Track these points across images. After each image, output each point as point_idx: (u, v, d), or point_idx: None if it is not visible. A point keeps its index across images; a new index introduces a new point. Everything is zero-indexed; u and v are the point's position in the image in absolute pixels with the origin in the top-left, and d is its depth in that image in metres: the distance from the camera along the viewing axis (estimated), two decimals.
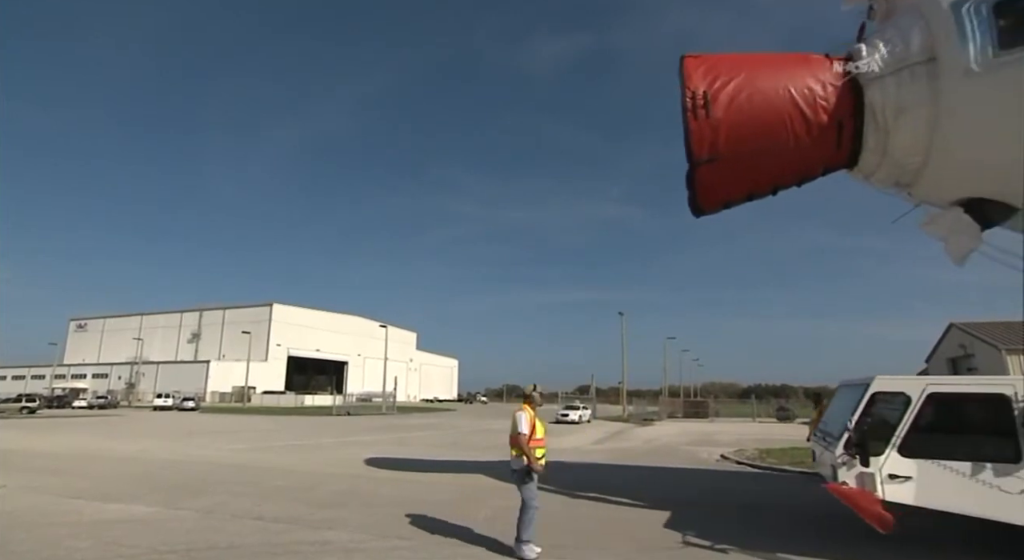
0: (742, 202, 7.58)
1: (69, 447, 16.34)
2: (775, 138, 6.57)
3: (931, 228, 6.66)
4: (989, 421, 5.39)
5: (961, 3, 5.60)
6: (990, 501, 4.99)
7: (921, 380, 5.64)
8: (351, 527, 6.79)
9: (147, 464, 12.63)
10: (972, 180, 6.33)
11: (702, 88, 6.71)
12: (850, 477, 5.44)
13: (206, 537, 6.27)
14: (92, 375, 79.38)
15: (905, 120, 6.20)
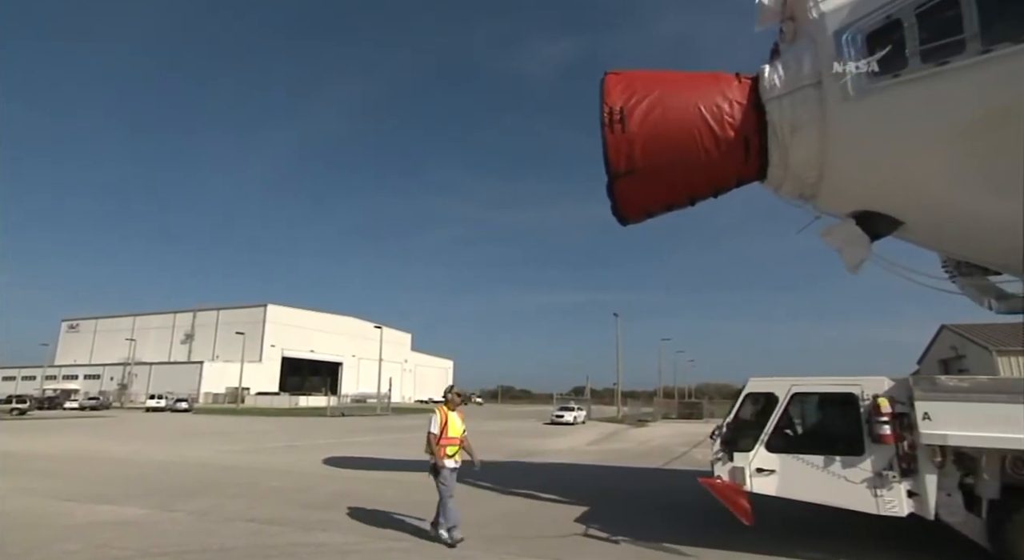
0: (662, 212, 7.99)
1: (60, 449, 16.22)
2: (686, 152, 6.94)
3: (829, 238, 7.06)
4: (841, 418, 5.86)
5: (842, 31, 5.93)
6: (838, 490, 5.50)
7: (787, 381, 6.10)
8: (345, 529, 6.78)
9: (139, 466, 12.56)
10: (860, 195, 6.75)
11: (619, 104, 7.10)
12: (724, 472, 5.94)
13: (199, 539, 6.25)
14: (84, 376, 78.78)
15: (799, 138, 6.56)
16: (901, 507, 5.29)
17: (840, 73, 5.88)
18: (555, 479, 11.37)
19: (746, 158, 7.00)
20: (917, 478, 5.31)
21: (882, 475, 5.36)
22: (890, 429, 5.31)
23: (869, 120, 5.91)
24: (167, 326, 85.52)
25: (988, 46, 5.05)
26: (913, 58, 5.38)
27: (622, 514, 7.82)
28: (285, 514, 7.56)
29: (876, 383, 5.63)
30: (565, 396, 58.63)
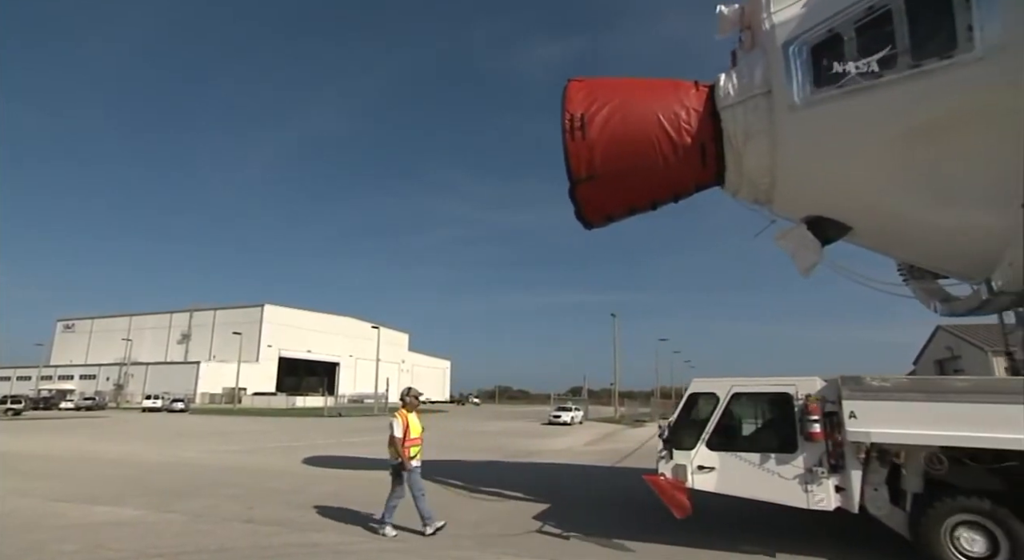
0: (625, 216, 8.13)
1: (55, 449, 16.15)
2: (645, 158, 7.07)
3: (782, 242, 7.22)
4: (776, 417, 6.11)
5: (789, 43, 6.12)
6: (772, 486, 5.74)
7: (728, 381, 6.34)
8: (341, 529, 6.78)
9: (135, 466, 12.52)
10: (810, 201, 6.94)
11: (580, 111, 7.24)
12: (667, 469, 6.19)
13: (195, 540, 6.24)
14: (79, 376, 78.38)
15: (752, 145, 6.75)
16: (829, 502, 5.51)
17: (787, 83, 6.07)
18: (553, 479, 11.39)
19: (703, 164, 7.14)
20: (844, 474, 5.55)
21: (812, 471, 5.58)
22: (819, 427, 5.53)
23: (814, 129, 6.11)
24: (163, 326, 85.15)
25: (917, 61, 5.29)
26: (852, 71, 5.63)
27: (619, 514, 7.88)
28: (281, 514, 7.55)
29: (809, 383, 5.84)
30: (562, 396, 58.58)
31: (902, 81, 5.39)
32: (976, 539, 4.98)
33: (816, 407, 5.60)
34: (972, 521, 5.03)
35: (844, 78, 5.68)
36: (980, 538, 4.98)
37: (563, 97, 7.44)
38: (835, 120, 5.91)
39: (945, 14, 5.17)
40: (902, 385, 5.41)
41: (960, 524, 5.07)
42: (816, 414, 5.57)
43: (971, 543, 4.98)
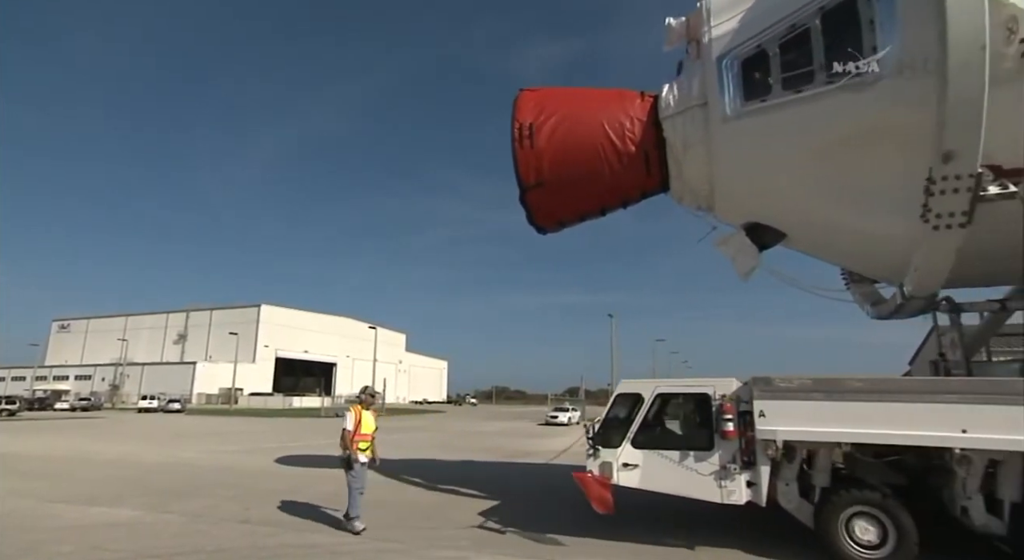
0: (577, 222, 8.37)
1: (51, 450, 16.09)
2: (591, 166, 7.30)
3: (722, 247, 7.43)
4: (696, 417, 6.41)
5: (723, 57, 6.39)
6: (690, 482, 6.04)
7: (652, 383, 6.68)
8: (338, 530, 6.78)
9: (132, 467, 12.48)
10: (745, 208, 7.19)
11: (529, 120, 7.51)
12: (595, 466, 6.45)
13: (192, 541, 6.24)
14: (75, 377, 77.95)
15: (690, 154, 6.99)
16: (740, 496, 5.81)
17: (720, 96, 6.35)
18: (550, 479, 11.40)
19: (648, 172, 7.36)
20: (755, 470, 5.83)
21: (726, 468, 5.88)
22: (733, 426, 5.83)
23: (744, 140, 6.39)
24: (160, 326, 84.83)
25: (831, 78, 5.57)
26: (776, 85, 5.94)
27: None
28: (278, 515, 7.56)
29: (726, 384, 6.13)
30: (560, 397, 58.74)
31: (819, 96, 5.69)
32: (869, 529, 5.38)
33: (731, 407, 5.89)
34: (866, 512, 5.41)
35: (769, 92, 5.99)
36: (872, 528, 5.37)
37: (514, 107, 7.71)
38: (762, 132, 6.18)
39: (855, 35, 5.46)
40: (805, 386, 5.69)
41: (855, 515, 5.44)
42: (730, 413, 5.87)
43: (864, 532, 5.38)
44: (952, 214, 5.20)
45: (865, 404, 5.39)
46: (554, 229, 8.48)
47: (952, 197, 5.12)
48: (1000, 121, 4.95)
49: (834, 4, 5.57)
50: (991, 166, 5.16)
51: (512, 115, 7.64)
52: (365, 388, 7.36)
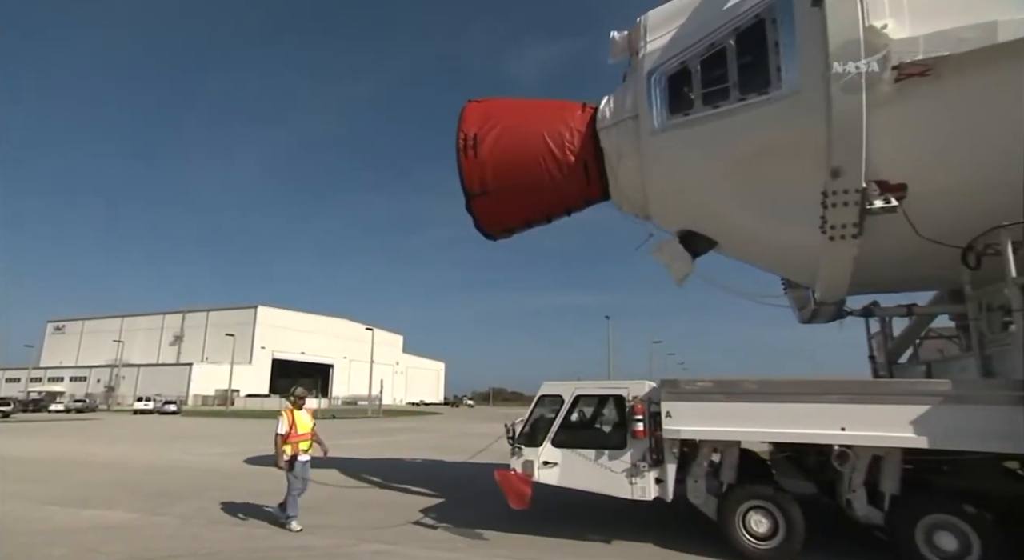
0: (523, 228, 8.66)
1: (44, 452, 15.99)
2: (533, 175, 7.61)
3: (658, 255, 7.69)
4: (611, 417, 6.75)
5: (652, 72, 6.68)
6: (604, 480, 6.31)
7: (572, 385, 6.94)
8: (335, 532, 6.77)
9: (126, 469, 12.41)
10: (676, 217, 7.48)
11: (473, 131, 7.84)
12: (517, 464, 6.72)
13: (187, 544, 6.20)
14: (70, 378, 77.62)
15: (624, 164, 7.26)
16: (649, 492, 6.11)
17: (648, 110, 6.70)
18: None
19: (587, 181, 7.62)
20: (663, 467, 6.15)
21: (637, 466, 6.16)
22: (643, 426, 6.14)
23: (670, 152, 6.69)
24: (156, 327, 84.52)
25: (744, 96, 5.95)
26: (698, 100, 6.28)
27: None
28: (274, 517, 7.52)
29: (639, 386, 6.44)
30: None
31: (733, 112, 6.03)
32: (762, 521, 5.74)
33: (641, 408, 6.19)
34: (760, 506, 5.77)
35: (691, 107, 6.34)
36: (765, 520, 5.72)
37: (459, 118, 8.03)
38: (685, 144, 6.50)
39: (762, 55, 5.81)
40: (707, 388, 6.02)
41: (751, 509, 5.80)
42: (641, 414, 6.17)
43: (758, 525, 5.74)
44: (844, 225, 5.59)
45: (759, 404, 5.73)
46: (502, 235, 8.79)
47: (843, 210, 5.52)
48: (883, 140, 5.36)
49: (746, 26, 5.94)
50: (878, 181, 5.54)
51: (457, 126, 7.97)
52: (294, 389, 7.53)
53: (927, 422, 5.07)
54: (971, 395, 5.10)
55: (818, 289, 6.88)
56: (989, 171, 5.41)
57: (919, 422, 5.09)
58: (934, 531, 5.11)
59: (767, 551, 5.62)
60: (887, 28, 5.21)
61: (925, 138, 5.43)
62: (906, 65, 5.10)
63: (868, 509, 5.50)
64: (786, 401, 5.63)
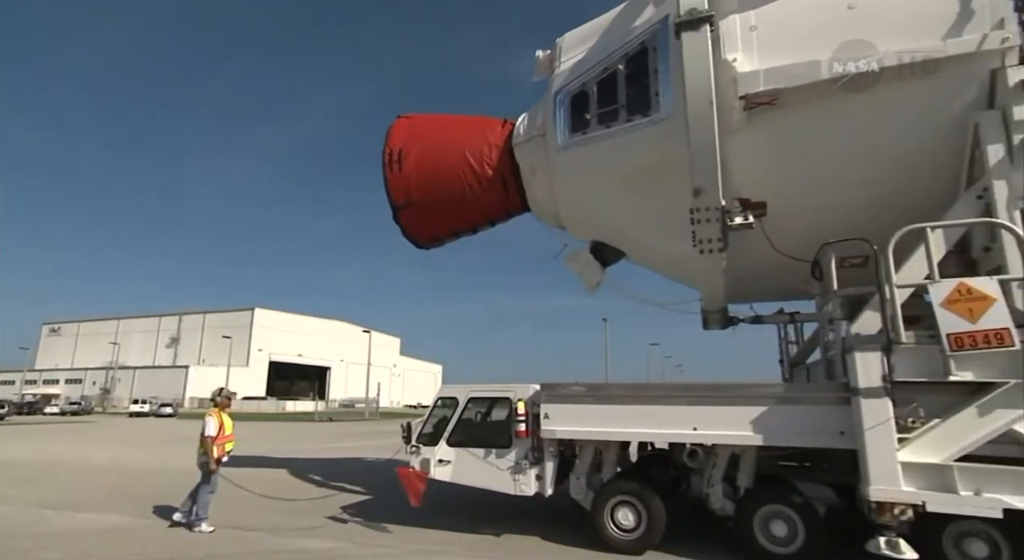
0: (450, 238, 9.04)
1: (39, 455, 15.92)
2: (454, 189, 8.01)
3: (571, 263, 7.98)
4: (500, 418, 7.10)
5: (558, 92, 7.08)
6: (492, 477, 6.68)
7: (466, 388, 7.36)
8: (330, 535, 6.76)
9: (120, 472, 12.36)
10: (585, 228, 7.83)
11: (398, 146, 8.24)
12: (416, 462, 7.12)
13: (182, 547, 6.19)
14: (65, 380, 77.16)
15: (536, 179, 7.64)
16: (530, 488, 6.47)
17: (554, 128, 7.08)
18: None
19: (506, 194, 7.99)
20: (542, 465, 6.54)
21: (520, 463, 6.53)
22: (524, 426, 6.53)
23: (572, 168, 7.05)
24: (152, 330, 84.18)
25: (630, 117, 6.38)
26: (593, 120, 6.69)
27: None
28: (269, 520, 7.50)
29: (524, 389, 6.80)
30: None
31: (621, 132, 6.46)
32: (629, 515, 6.12)
33: (525, 409, 6.56)
34: (627, 501, 6.15)
35: (588, 127, 6.74)
36: (631, 514, 6.11)
37: (387, 133, 8.45)
38: (584, 161, 6.86)
39: (645, 80, 6.27)
40: (580, 392, 6.48)
41: (619, 503, 6.18)
42: (523, 415, 6.54)
43: (625, 518, 6.12)
44: (711, 240, 6.02)
45: (625, 407, 6.17)
46: (431, 244, 9.18)
47: (707, 226, 5.95)
48: (742, 162, 5.92)
49: (633, 52, 6.40)
50: (740, 199, 6.04)
51: (385, 141, 8.36)
52: (221, 390, 7.61)
53: (764, 421, 5.51)
54: (802, 396, 5.61)
55: (702, 297, 7.25)
56: (830, 192, 5.97)
57: (757, 421, 5.53)
58: (769, 520, 5.56)
59: (629, 542, 6.02)
60: (736, 62, 5.71)
61: (777, 161, 5.95)
62: (753, 95, 5.60)
63: (723, 502, 5.96)
64: (648, 404, 6.10)
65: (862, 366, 4.88)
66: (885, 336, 4.83)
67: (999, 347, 4.36)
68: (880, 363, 4.80)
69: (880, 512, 4.65)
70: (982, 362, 4.51)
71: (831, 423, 5.18)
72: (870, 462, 4.76)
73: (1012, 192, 4.89)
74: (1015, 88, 4.91)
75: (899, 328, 4.76)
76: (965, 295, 4.55)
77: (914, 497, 4.58)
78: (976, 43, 5.04)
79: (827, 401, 5.29)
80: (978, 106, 5.22)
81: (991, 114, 5.08)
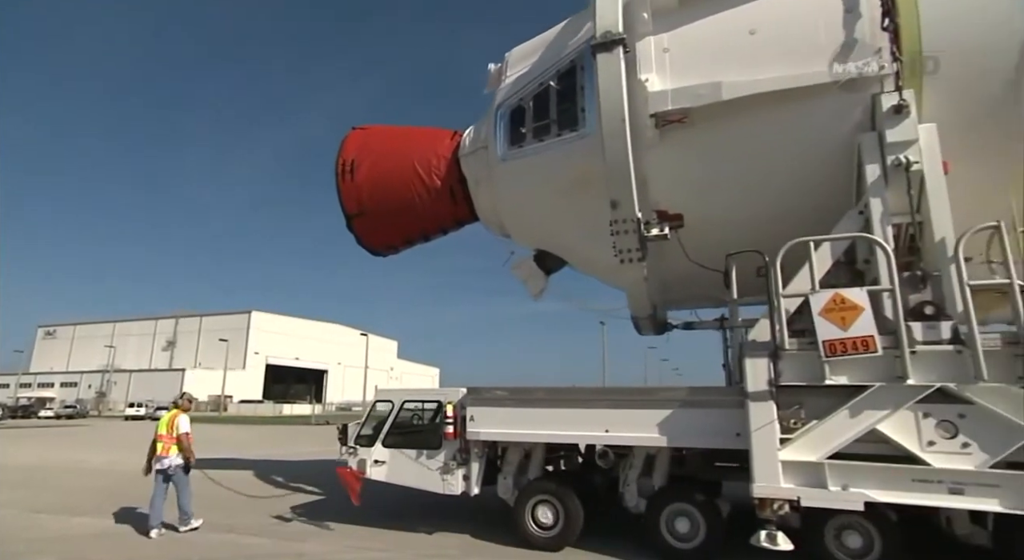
0: (404, 246, 9.33)
1: (33, 459, 15.77)
2: (404, 199, 8.28)
3: (516, 271, 8.26)
4: (431, 420, 7.49)
5: (499, 107, 7.36)
6: (423, 477, 6.95)
7: (402, 391, 7.77)
8: (326, 538, 6.77)
9: (116, 476, 12.25)
10: (527, 237, 8.11)
11: (351, 157, 8.54)
12: (353, 463, 7.36)
13: (177, 551, 6.19)
14: (60, 384, 76.74)
15: (480, 189, 7.90)
16: (457, 488, 6.74)
17: (495, 141, 7.36)
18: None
19: (455, 203, 8.23)
20: (469, 465, 6.77)
21: (448, 464, 6.80)
22: (452, 428, 6.77)
23: (511, 180, 7.33)
24: (148, 333, 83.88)
25: (560, 131, 6.69)
26: (529, 134, 6.97)
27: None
28: (265, 524, 7.52)
29: (454, 393, 7.03)
30: None
31: (553, 146, 6.74)
32: (548, 513, 6.32)
33: (453, 412, 6.80)
34: (546, 500, 6.39)
35: (524, 140, 7.01)
36: (550, 512, 6.32)
37: (340, 144, 8.73)
38: (521, 173, 7.14)
39: (573, 96, 6.58)
40: (503, 395, 6.75)
41: (539, 502, 6.42)
42: (451, 418, 6.79)
43: (544, 516, 6.35)
44: (630, 250, 6.34)
45: (545, 410, 6.40)
46: (386, 252, 9.47)
47: (625, 236, 6.29)
48: (659, 176, 6.27)
49: (564, 69, 6.68)
50: (659, 211, 6.41)
51: (338, 152, 8.63)
52: (184, 394, 8.03)
53: (669, 424, 5.78)
54: (703, 400, 5.81)
55: (629, 304, 7.60)
56: (740, 206, 6.31)
57: (663, 424, 5.79)
58: (675, 517, 5.82)
59: (548, 539, 6.27)
60: (648, 81, 6.04)
61: (690, 175, 6.29)
62: (662, 113, 5.92)
63: (637, 500, 6.22)
64: (565, 407, 6.32)
65: (751, 371, 5.19)
66: (773, 343, 5.21)
67: (865, 353, 4.77)
68: (767, 368, 5.17)
69: (762, 508, 4.97)
70: (853, 367, 4.91)
71: (729, 425, 5.42)
72: (755, 461, 5.06)
73: (886, 209, 5.27)
74: (888, 112, 5.23)
75: (784, 335, 5.16)
76: (839, 305, 4.93)
77: (791, 493, 4.90)
78: (857, 70, 5.42)
79: (726, 404, 5.55)
80: (863, 129, 5.52)
81: (870, 136, 5.41)
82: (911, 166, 5.11)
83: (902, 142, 5.17)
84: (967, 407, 4.57)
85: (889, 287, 4.87)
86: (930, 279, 5.15)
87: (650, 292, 7.13)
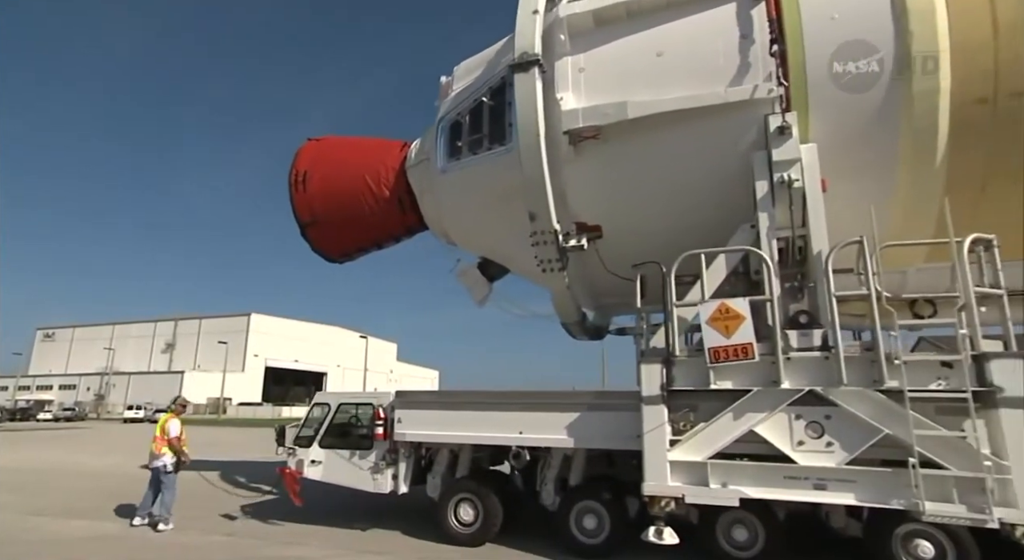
0: (359, 253, 9.68)
1: (31, 461, 15.85)
2: (355, 208, 8.60)
3: (461, 278, 8.53)
4: (364, 422, 7.67)
5: (441, 120, 7.64)
6: (355, 476, 7.26)
7: (338, 395, 8.10)
8: (324, 541, 6.78)
9: (114, 479, 12.29)
10: (471, 245, 8.41)
11: (304, 168, 8.86)
12: (292, 463, 7.69)
13: (176, 555, 6.20)
14: (59, 386, 76.73)
15: (424, 199, 8.21)
16: (386, 486, 7.05)
17: (435, 153, 7.65)
18: None
19: (403, 212, 8.52)
20: (397, 465, 7.11)
21: (378, 464, 7.09)
22: (382, 430, 7.10)
23: (449, 191, 7.62)
24: (147, 335, 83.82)
25: (491, 145, 6.97)
26: (465, 147, 7.27)
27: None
28: (263, 527, 7.54)
29: (386, 396, 7.35)
30: None
31: (484, 159, 7.03)
32: (469, 511, 6.67)
33: (382, 414, 7.12)
34: (468, 498, 6.71)
35: (460, 153, 7.32)
36: (471, 510, 6.65)
37: (295, 155, 9.09)
38: (458, 185, 7.43)
39: (502, 112, 6.86)
40: (428, 398, 7.22)
41: (461, 500, 6.73)
42: (381, 420, 7.10)
43: (466, 514, 6.66)
44: (550, 260, 6.64)
45: (466, 413, 6.73)
46: (341, 259, 9.77)
47: (545, 247, 6.59)
48: (577, 189, 6.56)
49: (496, 86, 6.97)
50: (578, 222, 6.68)
51: (292, 163, 8.95)
52: (177, 398, 8.41)
53: (577, 426, 6.12)
54: (608, 403, 6.15)
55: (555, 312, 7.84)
56: (652, 219, 6.61)
57: (571, 426, 6.14)
58: (583, 514, 6.14)
59: (468, 535, 6.57)
60: (563, 100, 6.34)
61: (605, 189, 6.57)
62: (576, 130, 6.21)
63: (553, 498, 6.53)
64: (484, 409, 6.66)
65: (646, 376, 5.62)
66: (666, 350, 5.60)
67: (744, 359, 5.15)
68: (660, 374, 5.55)
69: (651, 505, 5.32)
70: (735, 372, 5.30)
71: (631, 427, 5.68)
72: (646, 461, 5.38)
73: (772, 223, 5.60)
74: (775, 133, 5.54)
75: (676, 342, 5.57)
76: (724, 314, 5.29)
77: (676, 491, 5.25)
78: (749, 92, 5.74)
79: (627, 407, 5.80)
80: (757, 147, 5.83)
81: (760, 155, 5.76)
82: (793, 183, 5.48)
83: (786, 160, 5.52)
84: (832, 409, 4.98)
85: (769, 297, 5.26)
86: (807, 289, 5.58)
87: (575, 299, 7.43)
